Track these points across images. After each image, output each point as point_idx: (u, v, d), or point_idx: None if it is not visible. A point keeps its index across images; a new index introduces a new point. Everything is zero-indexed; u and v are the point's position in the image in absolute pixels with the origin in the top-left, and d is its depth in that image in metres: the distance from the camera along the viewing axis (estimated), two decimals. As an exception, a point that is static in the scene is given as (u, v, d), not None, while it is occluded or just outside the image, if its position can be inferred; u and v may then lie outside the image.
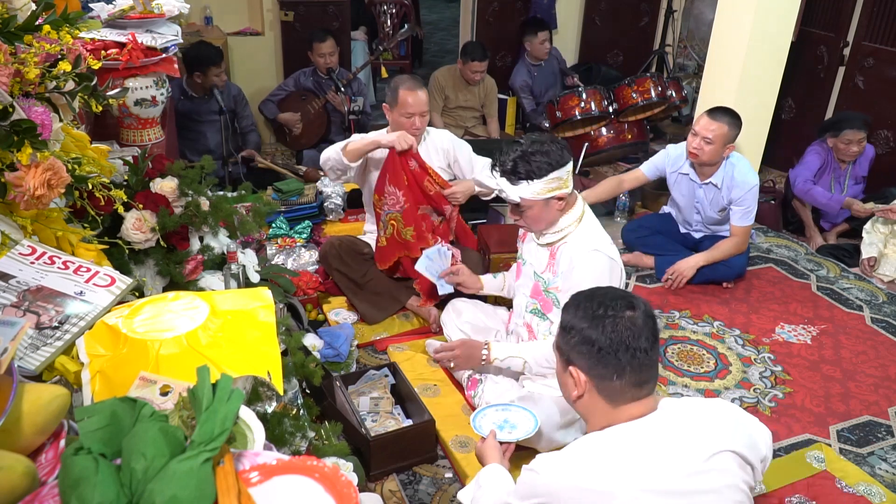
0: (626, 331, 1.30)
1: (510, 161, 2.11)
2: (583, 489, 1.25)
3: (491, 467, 1.72)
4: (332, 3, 4.85)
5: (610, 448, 1.29)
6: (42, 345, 1.11)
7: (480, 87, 4.78)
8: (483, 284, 2.63)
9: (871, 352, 2.90)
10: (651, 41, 5.81)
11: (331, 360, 2.58)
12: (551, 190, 2.11)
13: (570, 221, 2.20)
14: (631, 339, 1.30)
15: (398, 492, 2.11)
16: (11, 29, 1.27)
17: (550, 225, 2.21)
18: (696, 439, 1.29)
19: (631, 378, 1.31)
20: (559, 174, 2.10)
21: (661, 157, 3.42)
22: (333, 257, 2.93)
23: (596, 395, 1.35)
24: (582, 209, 2.22)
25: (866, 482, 2.18)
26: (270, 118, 4.55)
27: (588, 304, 1.36)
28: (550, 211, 2.16)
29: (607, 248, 2.16)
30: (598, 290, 1.40)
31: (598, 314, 1.33)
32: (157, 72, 2.26)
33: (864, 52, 4.22)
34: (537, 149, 2.10)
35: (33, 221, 1.32)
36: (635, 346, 1.30)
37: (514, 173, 2.10)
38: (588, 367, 1.34)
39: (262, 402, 1.32)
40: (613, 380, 1.31)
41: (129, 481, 0.74)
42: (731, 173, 3.19)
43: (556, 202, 2.15)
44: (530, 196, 2.11)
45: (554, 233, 2.21)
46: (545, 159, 2.08)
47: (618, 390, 1.32)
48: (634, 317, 1.32)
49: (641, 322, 1.32)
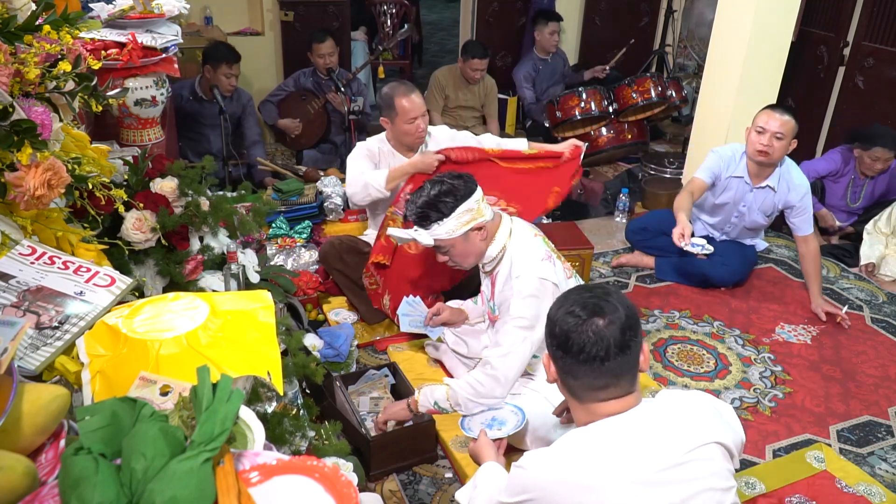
0: (584, 337, 1.32)
1: (418, 209, 2.14)
2: (570, 484, 1.28)
3: (487, 465, 1.73)
4: (332, 3, 4.85)
5: (595, 442, 1.32)
6: (42, 345, 1.11)
7: (480, 86, 4.78)
8: (468, 314, 2.64)
9: (871, 352, 2.90)
10: (651, 41, 5.81)
11: (331, 360, 2.58)
12: (465, 223, 2.12)
13: (499, 247, 2.20)
14: (588, 346, 1.32)
15: (398, 492, 2.11)
16: (11, 29, 1.27)
17: (479, 257, 2.22)
18: (680, 431, 1.32)
19: (586, 382, 1.34)
20: (467, 206, 2.11)
21: (714, 161, 3.14)
22: (333, 257, 2.92)
23: (562, 387, 1.42)
24: (508, 231, 2.22)
25: (866, 482, 2.18)
26: (270, 124, 4.55)
27: (566, 303, 1.39)
28: (473, 243, 2.17)
29: (537, 267, 2.13)
30: (586, 290, 1.42)
31: (568, 312, 1.36)
32: (157, 72, 2.26)
33: (864, 52, 4.22)
34: (439, 189, 2.12)
35: (33, 221, 1.32)
36: (591, 353, 1.32)
37: (424, 218, 2.14)
38: (553, 359, 1.41)
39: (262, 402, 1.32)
40: (569, 379, 1.37)
41: (129, 481, 0.74)
42: (788, 175, 3.08)
43: (476, 233, 2.16)
44: (446, 236, 2.13)
45: (489, 262, 2.24)
46: (449, 197, 2.11)
47: (576, 388, 1.37)
48: (600, 326, 1.32)
49: (607, 332, 1.32)
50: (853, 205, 3.82)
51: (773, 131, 2.94)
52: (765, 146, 2.96)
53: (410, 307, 2.73)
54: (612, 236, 3.84)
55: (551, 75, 5.23)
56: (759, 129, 2.98)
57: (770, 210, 3.17)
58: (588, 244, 3.22)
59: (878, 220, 3.56)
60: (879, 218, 3.57)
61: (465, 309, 2.65)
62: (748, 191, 3.15)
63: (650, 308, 3.16)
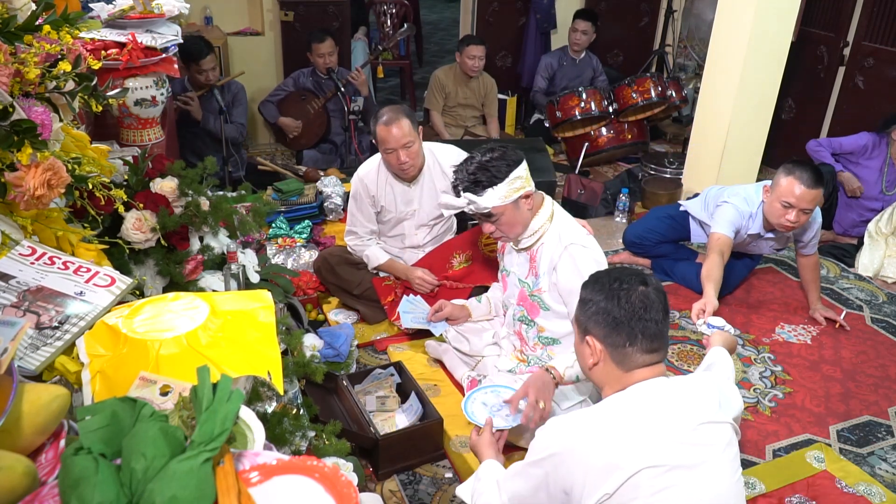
0: (638, 302, 1.43)
1: (469, 174, 2.13)
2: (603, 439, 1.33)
3: (487, 463, 1.73)
4: (332, 3, 4.85)
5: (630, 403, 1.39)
6: (42, 345, 1.11)
7: (480, 84, 4.77)
8: (471, 311, 2.64)
9: (871, 352, 2.90)
10: (651, 41, 5.81)
11: (331, 360, 2.58)
12: (516, 190, 2.13)
13: (543, 221, 2.21)
14: (643, 311, 1.42)
15: (398, 492, 2.11)
16: (11, 29, 1.27)
17: (525, 228, 2.22)
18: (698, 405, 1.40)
19: (643, 345, 1.42)
20: (518, 172, 2.13)
21: (735, 217, 2.80)
22: (327, 271, 2.96)
23: (610, 361, 1.46)
24: (551, 207, 2.24)
25: (866, 482, 2.18)
26: (271, 122, 4.55)
27: (605, 279, 1.49)
28: (521, 212, 2.18)
29: (583, 239, 2.17)
30: (614, 269, 1.54)
31: (614, 287, 1.45)
32: (157, 72, 2.26)
33: (864, 52, 4.22)
34: (490, 156, 2.13)
35: (33, 221, 1.32)
36: (647, 316, 1.42)
37: (476, 184, 2.12)
38: (603, 336, 1.45)
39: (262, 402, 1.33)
40: (626, 347, 1.43)
41: (129, 481, 0.74)
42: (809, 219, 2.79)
43: (524, 201, 2.17)
44: (499, 202, 2.13)
45: (529, 236, 2.23)
46: (502, 162, 2.11)
47: (630, 356, 1.43)
48: (647, 291, 1.45)
49: (654, 296, 1.45)
50: (889, 192, 3.72)
51: (802, 207, 2.64)
52: (793, 223, 2.69)
53: (411, 304, 2.74)
54: (612, 236, 3.84)
55: (575, 77, 5.16)
56: (786, 204, 2.65)
57: (780, 245, 3.06)
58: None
59: (880, 219, 3.56)
60: (881, 218, 3.56)
61: (468, 306, 2.65)
62: (763, 236, 2.95)
63: (650, 308, 3.15)
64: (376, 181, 2.82)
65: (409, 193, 2.83)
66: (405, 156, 2.65)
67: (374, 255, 2.90)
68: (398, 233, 2.95)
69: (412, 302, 2.76)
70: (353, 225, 2.93)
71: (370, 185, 2.82)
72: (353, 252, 2.97)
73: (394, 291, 2.90)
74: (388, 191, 2.83)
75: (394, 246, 2.98)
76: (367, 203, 2.86)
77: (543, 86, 5.14)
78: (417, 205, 2.86)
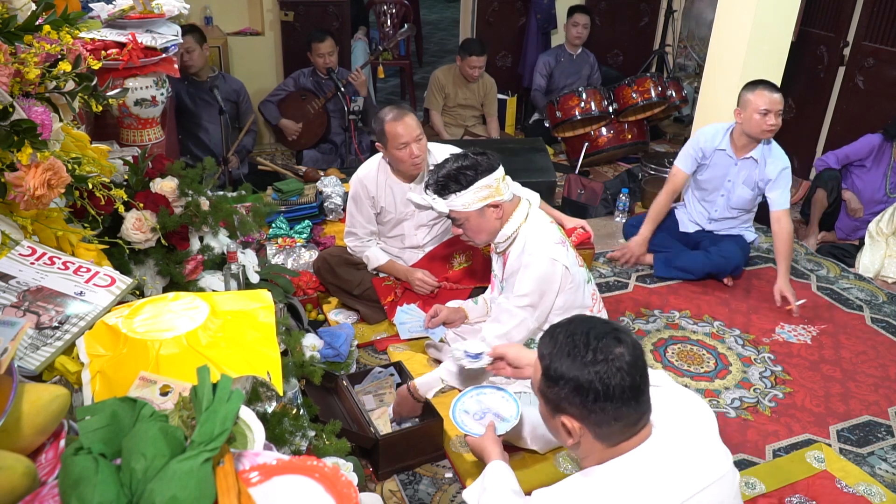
0: (618, 373, 1.22)
1: (439, 178, 2.17)
2: None
3: (493, 465, 1.70)
4: (332, 3, 4.85)
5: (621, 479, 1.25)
6: (42, 345, 1.11)
7: (480, 85, 4.77)
8: (467, 313, 2.65)
9: (871, 352, 2.90)
10: (651, 41, 5.81)
11: (331, 360, 2.58)
12: (482, 199, 2.15)
13: (514, 228, 2.23)
14: (626, 381, 1.22)
15: (398, 492, 2.11)
16: (11, 29, 1.27)
17: (492, 235, 2.25)
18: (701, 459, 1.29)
19: (630, 418, 1.25)
20: (487, 182, 2.14)
21: (692, 146, 3.31)
22: (327, 271, 2.96)
23: (592, 439, 1.28)
24: (525, 213, 2.25)
25: (866, 482, 2.18)
26: (273, 124, 4.56)
27: (574, 348, 1.25)
28: (488, 220, 2.21)
29: (550, 249, 2.17)
30: (580, 327, 1.29)
31: (588, 360, 1.23)
32: (157, 72, 2.26)
33: (864, 52, 4.22)
34: (462, 162, 2.16)
35: (33, 221, 1.32)
36: (631, 385, 1.23)
37: (443, 188, 2.17)
38: (582, 416, 1.26)
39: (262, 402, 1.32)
40: (612, 424, 1.25)
41: (129, 481, 0.74)
42: (770, 148, 3.17)
43: (492, 210, 2.19)
44: (461, 207, 2.16)
45: (503, 241, 2.26)
46: (471, 171, 2.14)
47: (616, 432, 1.26)
48: (623, 354, 1.24)
49: (631, 357, 1.24)
50: (893, 194, 3.73)
51: (776, 110, 3.04)
52: (773, 125, 3.06)
53: (407, 315, 2.76)
54: (612, 236, 3.84)
55: (573, 73, 5.16)
56: (763, 112, 3.04)
57: (753, 184, 3.23)
58: (588, 244, 3.22)
59: (881, 220, 3.55)
60: (881, 218, 3.56)
61: (464, 308, 2.65)
62: (732, 164, 3.23)
63: (650, 308, 3.16)
64: (376, 182, 2.82)
65: (409, 193, 2.83)
66: (418, 149, 2.66)
67: (373, 256, 2.91)
68: (398, 233, 2.95)
69: (408, 311, 2.77)
70: (352, 226, 2.93)
71: (370, 185, 2.82)
72: (352, 252, 2.97)
73: (394, 291, 2.90)
74: (388, 191, 2.82)
75: (393, 246, 2.98)
76: (366, 204, 2.86)
77: (542, 84, 5.14)
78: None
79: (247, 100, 4.27)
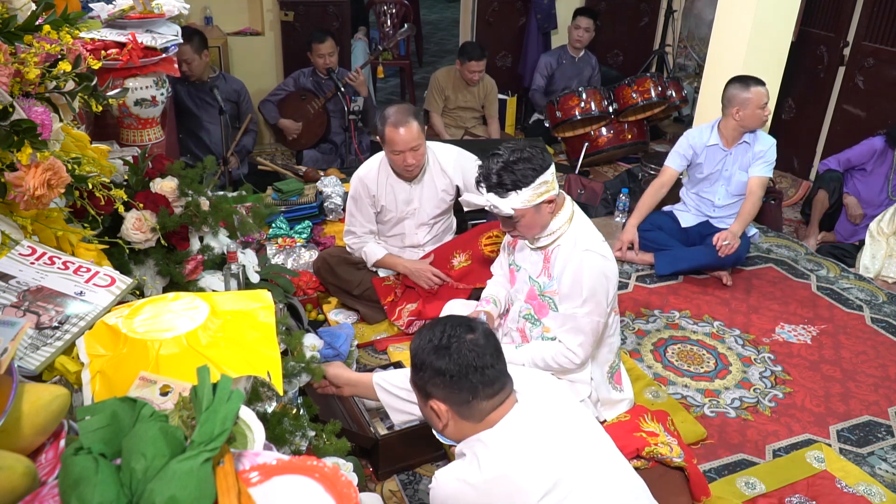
0: (469, 353, 1.40)
1: (494, 174, 2.06)
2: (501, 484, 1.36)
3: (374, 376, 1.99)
4: (332, 3, 4.85)
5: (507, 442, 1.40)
6: (42, 345, 1.11)
7: (480, 87, 4.77)
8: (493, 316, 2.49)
9: (871, 352, 2.90)
10: (651, 41, 5.81)
11: (331, 360, 2.58)
12: (540, 195, 2.07)
13: (562, 223, 2.18)
14: (476, 359, 1.40)
15: (398, 492, 2.11)
16: (11, 29, 1.27)
17: (543, 229, 2.18)
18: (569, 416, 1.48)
19: (485, 393, 1.41)
20: (545, 178, 2.06)
21: (683, 144, 3.42)
22: (326, 272, 2.96)
23: (459, 419, 1.44)
24: (571, 209, 2.20)
25: (866, 482, 2.18)
26: (272, 123, 4.56)
27: (430, 337, 1.44)
28: (542, 216, 2.14)
29: (599, 246, 2.15)
30: (440, 320, 1.49)
31: (442, 345, 1.42)
32: (157, 72, 2.26)
33: (864, 52, 4.22)
34: (518, 156, 2.05)
35: (33, 221, 1.32)
36: (481, 363, 1.40)
37: (500, 186, 2.05)
38: (446, 397, 1.43)
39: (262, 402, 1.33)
40: (471, 401, 1.41)
41: (129, 481, 0.74)
42: (755, 134, 3.31)
43: (547, 205, 2.12)
44: (521, 206, 2.07)
45: (547, 236, 2.19)
46: (529, 165, 2.03)
47: (476, 408, 1.42)
48: (475, 338, 1.43)
49: (483, 340, 1.43)
50: (894, 197, 3.74)
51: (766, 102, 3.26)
52: (769, 114, 3.32)
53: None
54: (613, 236, 3.83)
55: (574, 76, 5.15)
56: (763, 105, 3.22)
57: (747, 166, 3.33)
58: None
59: (881, 220, 3.55)
60: (882, 218, 3.56)
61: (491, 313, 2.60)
62: (726, 154, 3.36)
63: (650, 308, 3.16)
64: (376, 181, 2.82)
65: (410, 193, 2.83)
66: (412, 158, 2.64)
67: (371, 252, 2.90)
68: (398, 232, 2.95)
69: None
70: (351, 225, 2.93)
71: (370, 184, 2.82)
72: (351, 251, 2.97)
73: (394, 291, 2.90)
74: (389, 190, 2.82)
75: (394, 245, 2.98)
76: (366, 203, 2.85)
77: (542, 84, 5.14)
78: (417, 204, 2.86)
79: (247, 100, 4.28)
